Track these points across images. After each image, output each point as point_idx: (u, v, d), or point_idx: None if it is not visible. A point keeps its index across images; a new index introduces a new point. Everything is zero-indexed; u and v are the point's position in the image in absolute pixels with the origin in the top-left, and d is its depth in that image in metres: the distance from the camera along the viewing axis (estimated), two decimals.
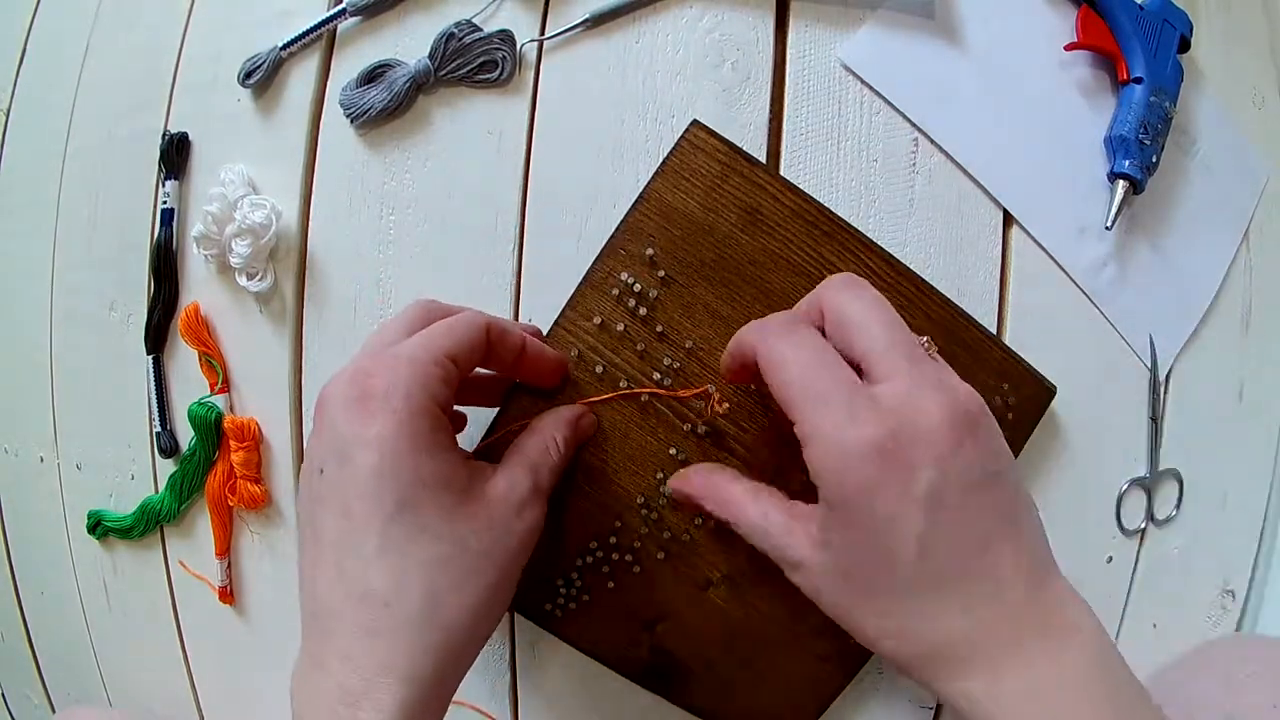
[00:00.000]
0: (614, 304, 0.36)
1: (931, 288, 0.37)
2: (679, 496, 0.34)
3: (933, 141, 0.39)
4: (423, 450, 0.27)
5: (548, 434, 0.33)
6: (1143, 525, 0.42)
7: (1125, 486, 0.41)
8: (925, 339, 0.29)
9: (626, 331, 0.36)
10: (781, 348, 0.28)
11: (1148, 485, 0.42)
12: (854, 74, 0.39)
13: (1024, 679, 0.26)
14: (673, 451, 0.36)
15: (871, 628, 0.28)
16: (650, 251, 0.36)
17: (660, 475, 0.36)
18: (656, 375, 0.36)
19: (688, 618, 0.37)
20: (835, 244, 0.36)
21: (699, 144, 0.36)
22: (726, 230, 0.36)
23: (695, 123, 0.37)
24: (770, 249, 0.36)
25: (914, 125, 0.39)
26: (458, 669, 0.28)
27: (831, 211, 0.37)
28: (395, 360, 0.27)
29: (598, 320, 0.36)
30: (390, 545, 0.26)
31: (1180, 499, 0.43)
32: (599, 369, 0.36)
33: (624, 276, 0.36)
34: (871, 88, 0.39)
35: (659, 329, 0.36)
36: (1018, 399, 0.37)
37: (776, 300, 0.36)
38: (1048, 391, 0.38)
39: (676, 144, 0.36)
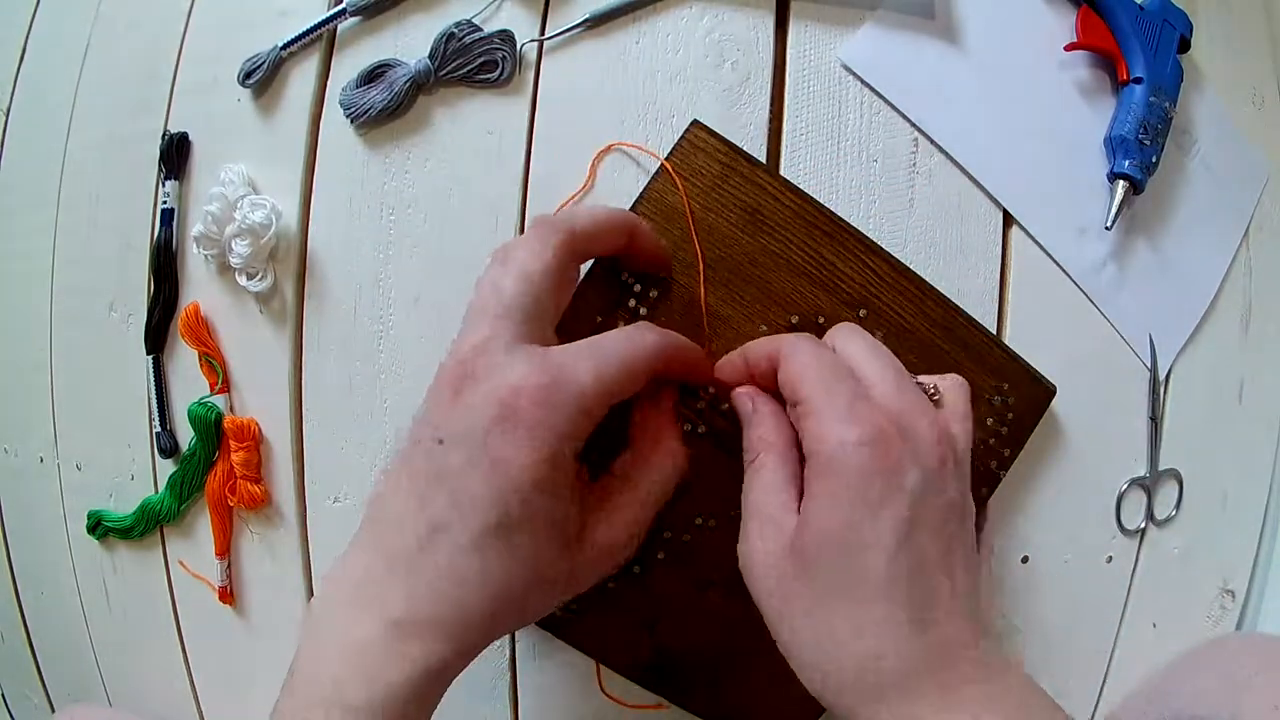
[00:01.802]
0: (614, 304, 0.36)
1: (931, 287, 0.37)
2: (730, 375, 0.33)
3: (933, 141, 0.39)
4: (548, 489, 0.27)
5: (670, 463, 0.32)
6: (1143, 525, 0.42)
7: (1125, 486, 0.41)
8: (932, 385, 0.31)
9: None
10: (805, 349, 0.30)
11: (1148, 485, 0.42)
12: (854, 74, 0.39)
13: (955, 712, 0.25)
14: None
15: (801, 627, 0.28)
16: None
17: None
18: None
19: (688, 618, 0.37)
20: (836, 244, 0.36)
21: (699, 144, 0.36)
22: (727, 230, 0.36)
23: (695, 123, 0.37)
24: (771, 249, 0.36)
25: (914, 125, 0.39)
26: (494, 637, 0.29)
27: (832, 212, 0.37)
28: (564, 397, 0.27)
29: (598, 320, 0.36)
30: (481, 550, 0.27)
31: (1180, 499, 0.43)
32: None
33: (624, 277, 0.36)
34: (871, 88, 0.39)
35: None
36: (1017, 399, 0.37)
37: (777, 300, 0.36)
38: (1047, 391, 0.38)
39: (677, 144, 0.36)
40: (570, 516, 0.29)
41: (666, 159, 0.37)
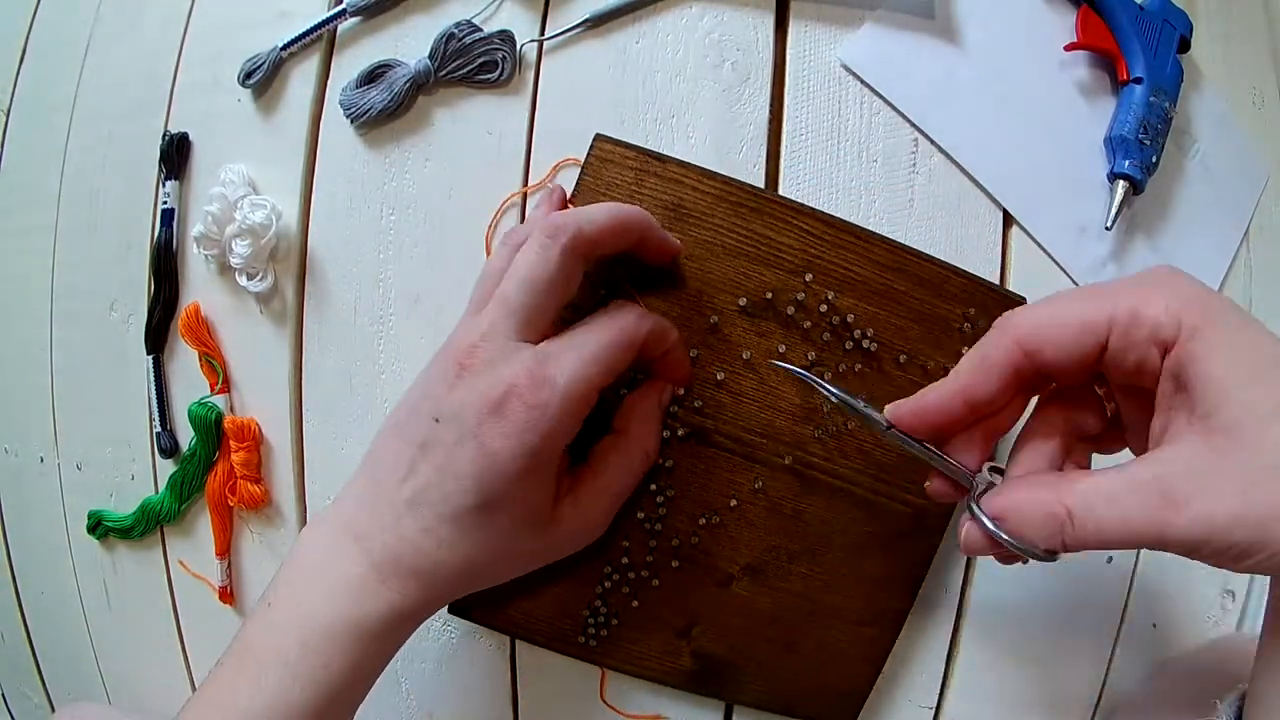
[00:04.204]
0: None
1: (872, 233, 0.36)
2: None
3: (933, 141, 0.39)
4: (529, 480, 0.29)
5: (639, 454, 0.34)
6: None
7: None
8: None
9: None
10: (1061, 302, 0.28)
11: None
12: (854, 74, 0.39)
13: None
14: (659, 460, 0.36)
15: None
16: (584, 271, 0.36)
17: (653, 487, 0.36)
18: (624, 391, 0.36)
19: (719, 617, 0.38)
20: (764, 217, 0.36)
21: (607, 155, 0.36)
22: None
23: (598, 136, 0.36)
24: (703, 239, 0.36)
25: (914, 125, 0.39)
26: (462, 594, 0.33)
27: (753, 186, 0.37)
28: (552, 391, 0.28)
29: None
30: (461, 522, 0.29)
31: None
32: None
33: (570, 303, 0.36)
34: (871, 88, 0.39)
35: None
36: (987, 320, 0.36)
37: (721, 287, 0.36)
38: (1016, 304, 0.37)
39: (585, 161, 0.36)
40: (546, 502, 0.31)
41: (580, 179, 0.36)
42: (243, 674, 0.29)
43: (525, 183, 0.39)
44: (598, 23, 0.39)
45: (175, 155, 0.42)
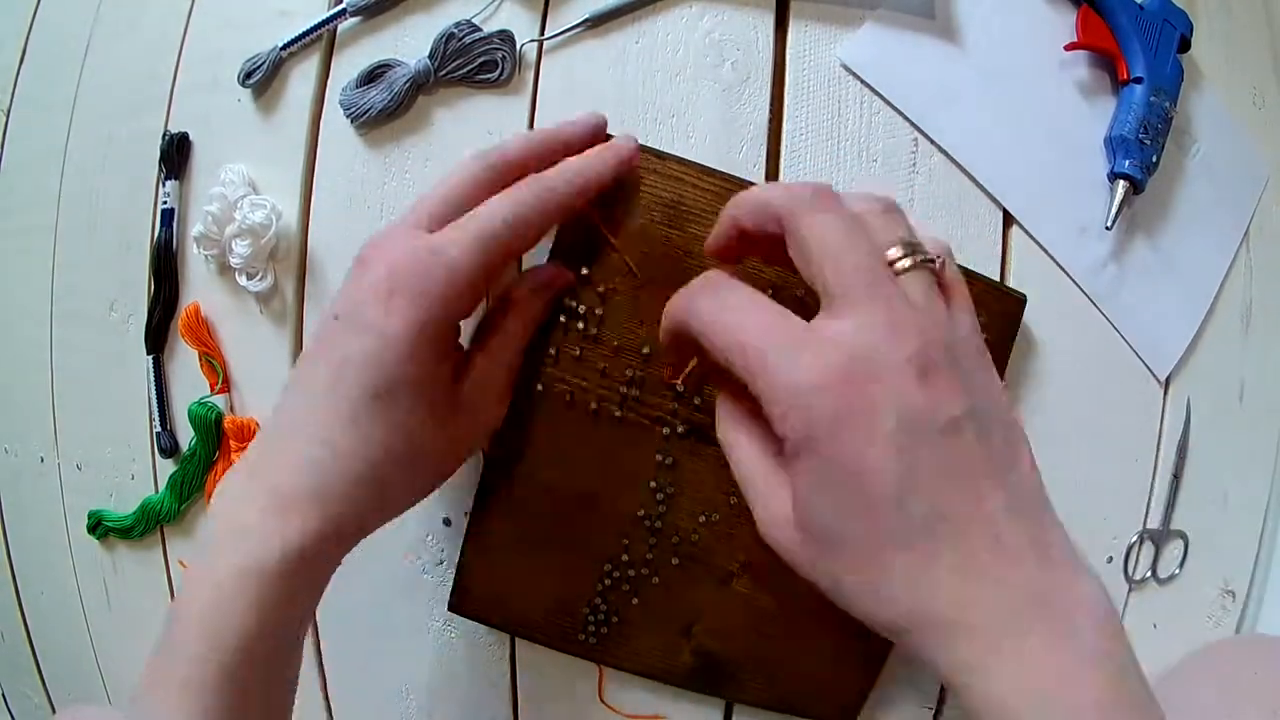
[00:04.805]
0: (563, 331, 0.36)
1: None
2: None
3: (933, 141, 0.39)
4: (420, 358, 0.29)
5: (518, 316, 0.34)
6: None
7: (1134, 539, 0.42)
8: (937, 255, 0.27)
9: (583, 355, 0.36)
10: (710, 310, 0.27)
11: (1157, 540, 0.42)
12: (854, 74, 0.39)
13: (1020, 662, 0.23)
14: (659, 458, 0.36)
15: (848, 586, 0.25)
16: (585, 271, 0.36)
17: (653, 485, 0.36)
18: (623, 389, 0.36)
19: (720, 614, 0.38)
20: None
21: None
22: (655, 231, 0.36)
23: None
24: (703, 237, 0.35)
25: (914, 125, 0.39)
26: (370, 523, 0.31)
27: (752, 182, 0.36)
28: (435, 264, 0.29)
29: (553, 351, 0.36)
30: (359, 417, 0.28)
31: (1185, 559, 0.43)
32: (568, 397, 0.36)
33: (568, 301, 0.36)
34: (871, 88, 0.39)
35: (615, 343, 0.36)
36: (988, 317, 0.36)
37: None
38: (1016, 301, 0.38)
39: None
40: (444, 384, 0.31)
41: None
42: (171, 632, 0.29)
43: None
44: (598, 23, 0.39)
45: (175, 155, 0.42)
